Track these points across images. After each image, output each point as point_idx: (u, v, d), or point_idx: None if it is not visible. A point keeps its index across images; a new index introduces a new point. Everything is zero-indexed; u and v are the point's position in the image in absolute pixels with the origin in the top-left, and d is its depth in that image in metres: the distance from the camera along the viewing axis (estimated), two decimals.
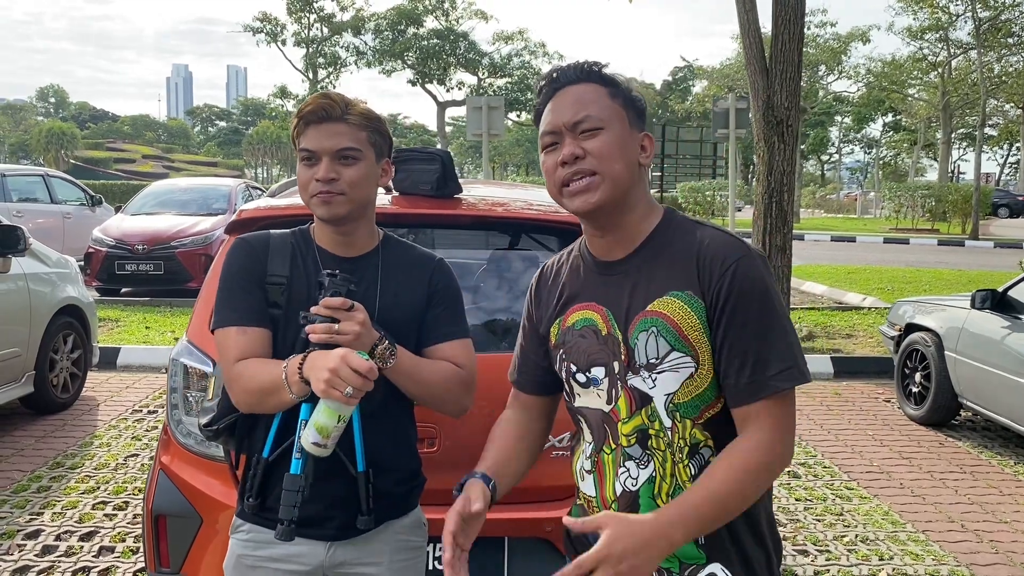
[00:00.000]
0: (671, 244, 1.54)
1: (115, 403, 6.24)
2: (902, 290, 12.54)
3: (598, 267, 1.60)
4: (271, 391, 1.69)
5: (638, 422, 1.52)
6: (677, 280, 1.49)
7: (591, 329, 1.57)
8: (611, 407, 1.55)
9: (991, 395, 5.46)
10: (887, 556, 3.97)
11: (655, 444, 1.51)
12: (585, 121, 1.50)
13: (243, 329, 1.78)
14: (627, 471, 1.53)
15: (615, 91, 1.54)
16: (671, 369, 1.48)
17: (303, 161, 1.80)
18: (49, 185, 13.30)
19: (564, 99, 1.53)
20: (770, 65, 8.03)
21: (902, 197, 30.12)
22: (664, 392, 1.49)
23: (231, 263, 1.85)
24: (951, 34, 33.08)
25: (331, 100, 1.79)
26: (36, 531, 4.01)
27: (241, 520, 1.89)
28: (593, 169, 1.49)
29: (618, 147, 1.50)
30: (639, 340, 1.50)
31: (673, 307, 1.48)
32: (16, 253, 5.46)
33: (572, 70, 1.56)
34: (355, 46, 41.56)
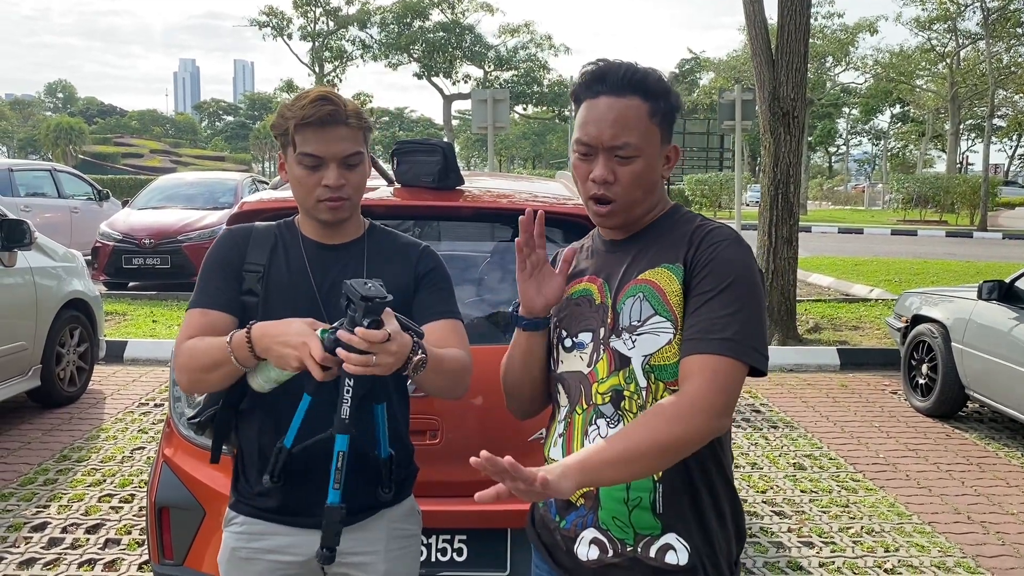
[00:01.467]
0: (673, 229, 1.62)
1: (122, 396, 6.27)
2: (909, 282, 12.49)
3: (605, 245, 1.69)
4: (217, 366, 1.69)
5: (614, 382, 1.56)
6: (669, 255, 1.57)
7: (586, 298, 1.64)
8: (590, 369, 1.60)
9: (998, 386, 5.44)
10: (893, 547, 3.96)
11: (627, 406, 1.55)
12: (624, 148, 1.54)
13: (205, 311, 1.80)
14: (597, 429, 1.57)
15: (655, 107, 1.56)
16: (651, 332, 1.54)
17: (305, 166, 1.76)
18: (56, 180, 13.34)
19: (606, 113, 1.55)
20: (776, 56, 8.01)
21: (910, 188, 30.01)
22: (642, 353, 1.54)
23: (212, 252, 1.89)
24: (959, 24, 32.90)
25: (335, 104, 1.75)
26: (42, 523, 4.03)
27: (235, 512, 1.89)
28: (617, 197, 1.57)
29: (646, 175, 1.57)
30: (625, 305, 1.57)
31: (661, 276, 1.56)
32: (22, 247, 5.48)
33: (619, 77, 1.55)
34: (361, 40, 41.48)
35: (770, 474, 4.88)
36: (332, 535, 1.65)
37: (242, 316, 1.81)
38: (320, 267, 1.84)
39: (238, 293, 1.83)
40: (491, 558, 2.61)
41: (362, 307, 1.53)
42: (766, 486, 4.69)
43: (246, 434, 1.87)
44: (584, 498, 1.57)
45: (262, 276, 1.83)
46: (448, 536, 2.62)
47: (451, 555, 2.61)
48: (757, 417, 6.02)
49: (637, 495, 1.53)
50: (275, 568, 1.83)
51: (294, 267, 1.84)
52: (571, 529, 1.60)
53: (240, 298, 1.82)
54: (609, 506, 1.54)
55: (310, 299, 1.81)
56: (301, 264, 1.84)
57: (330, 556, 1.66)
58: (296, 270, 1.84)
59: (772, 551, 3.89)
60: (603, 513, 1.55)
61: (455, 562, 2.61)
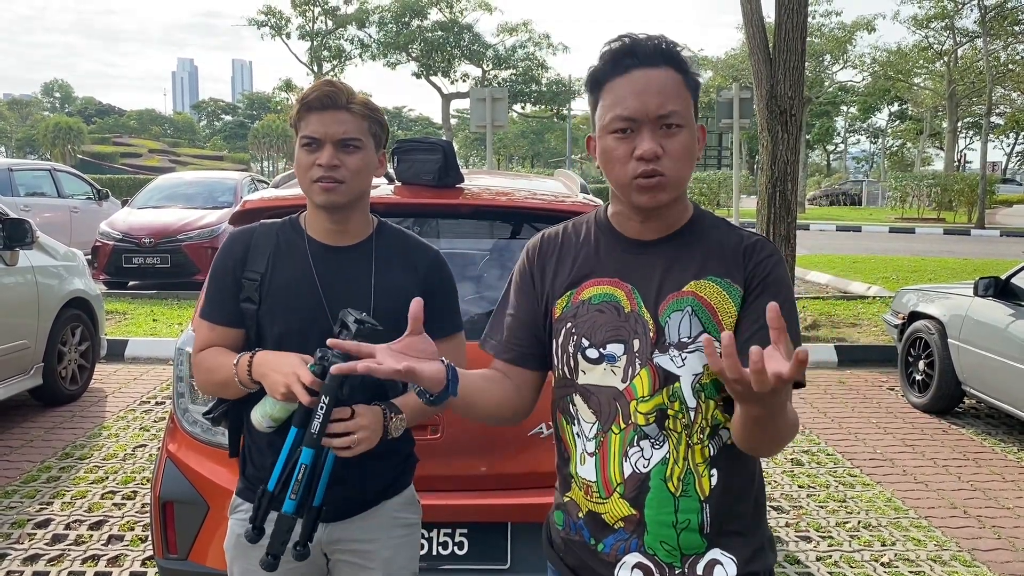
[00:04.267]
0: (708, 235, 1.54)
1: (123, 394, 6.29)
2: (907, 279, 12.52)
3: (627, 245, 1.56)
4: (224, 383, 1.81)
5: (658, 401, 1.48)
6: (716, 267, 1.50)
7: (611, 305, 1.52)
8: (626, 385, 1.49)
9: (994, 382, 5.47)
10: (890, 542, 4.00)
11: (672, 425, 1.48)
12: (672, 116, 1.44)
13: (212, 326, 1.89)
14: (640, 451, 1.49)
15: (688, 80, 1.48)
16: (701, 350, 1.46)
17: (304, 147, 1.80)
18: (56, 179, 13.35)
19: (646, 83, 1.44)
20: (773, 55, 8.03)
21: (908, 186, 30.03)
22: (692, 372, 1.47)
23: (216, 259, 1.93)
24: (957, 22, 32.92)
25: (335, 88, 1.81)
26: (46, 520, 4.06)
27: (240, 500, 1.93)
28: (665, 171, 1.44)
29: (691, 149, 1.47)
30: (671, 319, 1.48)
31: (710, 290, 1.48)
32: (24, 246, 5.51)
33: (652, 49, 1.46)
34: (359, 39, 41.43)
35: (768, 469, 4.91)
36: (279, 544, 1.67)
37: (244, 323, 1.87)
38: (326, 271, 1.85)
39: (238, 303, 1.87)
40: (492, 552, 2.64)
41: (353, 331, 1.64)
42: (764, 481, 4.71)
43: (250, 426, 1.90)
44: (624, 522, 1.51)
45: (259, 284, 1.85)
46: (449, 530, 2.65)
47: (452, 549, 2.64)
48: None
49: (686, 517, 1.49)
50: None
51: (297, 271, 1.85)
52: (611, 553, 1.53)
53: (241, 306, 1.86)
54: (656, 531, 1.49)
55: (315, 304, 1.81)
56: (306, 268, 1.85)
57: (274, 564, 1.67)
58: (300, 274, 1.85)
59: None
60: (649, 538, 1.50)
61: (456, 556, 2.64)
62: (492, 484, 2.67)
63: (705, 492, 1.49)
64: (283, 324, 1.82)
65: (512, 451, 2.64)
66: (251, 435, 1.92)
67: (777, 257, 1.52)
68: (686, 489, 1.49)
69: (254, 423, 1.78)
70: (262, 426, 1.77)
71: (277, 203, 2.80)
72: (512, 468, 2.65)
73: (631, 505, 1.49)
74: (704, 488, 1.49)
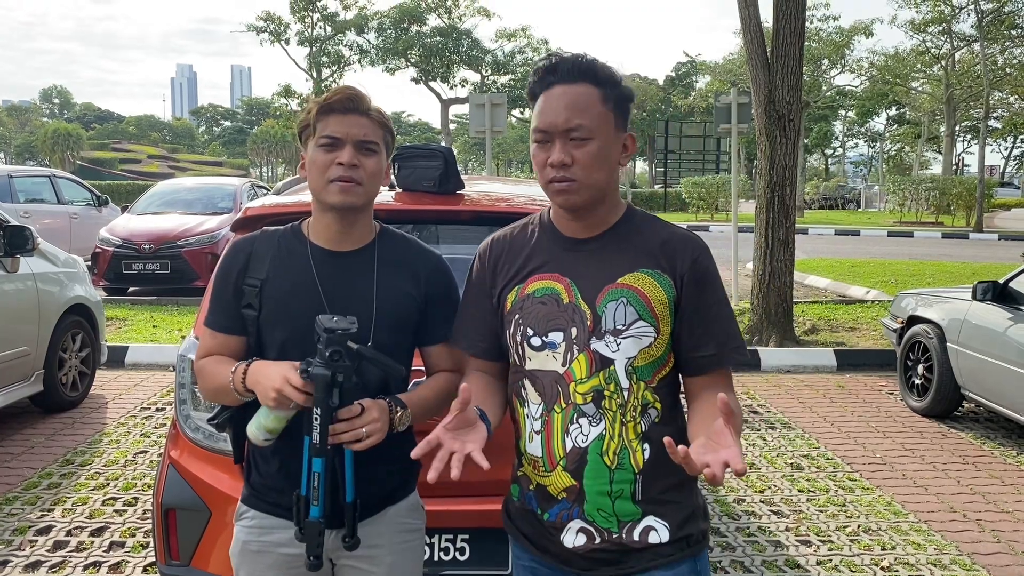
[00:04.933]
0: (639, 231, 1.71)
1: (124, 401, 6.30)
2: (906, 283, 12.54)
3: (565, 243, 1.73)
4: (223, 391, 1.83)
5: (595, 383, 1.64)
6: (646, 260, 1.67)
7: (552, 297, 1.69)
8: (565, 369, 1.66)
9: (993, 386, 5.49)
10: (889, 546, 4.01)
11: (608, 404, 1.64)
12: (577, 130, 1.61)
13: (215, 334, 1.91)
14: (579, 427, 1.65)
15: (607, 93, 1.63)
16: (634, 336, 1.64)
17: (323, 147, 1.80)
18: (55, 186, 13.36)
19: (559, 99, 1.62)
20: (771, 60, 8.06)
21: (906, 190, 30.07)
22: (625, 356, 1.64)
23: (218, 267, 1.95)
24: (954, 27, 33.00)
25: (359, 93, 1.84)
26: (47, 527, 4.07)
27: (246, 507, 1.94)
28: (576, 177, 1.62)
29: (602, 157, 1.63)
30: (607, 308, 1.64)
31: (643, 281, 1.65)
32: (25, 253, 5.52)
33: (570, 66, 1.63)
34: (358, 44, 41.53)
35: (768, 474, 4.92)
36: (315, 546, 1.75)
37: (246, 330, 1.89)
38: (328, 276, 1.86)
39: (239, 310, 1.88)
40: (493, 557, 2.64)
41: (324, 338, 1.66)
42: (764, 486, 4.73)
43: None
44: (567, 492, 1.68)
45: (260, 290, 1.85)
46: (451, 535, 2.65)
47: (453, 554, 2.65)
48: (755, 418, 6.06)
49: (619, 487, 1.66)
50: (284, 561, 1.87)
51: (299, 276, 1.85)
52: (555, 521, 1.71)
53: (242, 312, 1.87)
54: (593, 500, 1.66)
55: (316, 308, 1.80)
56: (307, 274, 1.85)
57: (318, 563, 1.76)
58: (301, 280, 1.85)
59: (770, 550, 3.93)
60: (588, 506, 1.66)
61: (457, 561, 2.64)
62: (493, 489, 2.67)
63: (639, 465, 1.66)
64: (284, 330, 1.83)
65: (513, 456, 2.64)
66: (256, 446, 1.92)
67: (705, 251, 1.70)
68: (621, 462, 1.65)
69: (251, 438, 1.79)
70: (258, 439, 1.78)
71: (279, 210, 2.81)
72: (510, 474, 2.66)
73: (572, 476, 1.66)
74: (638, 461, 1.66)
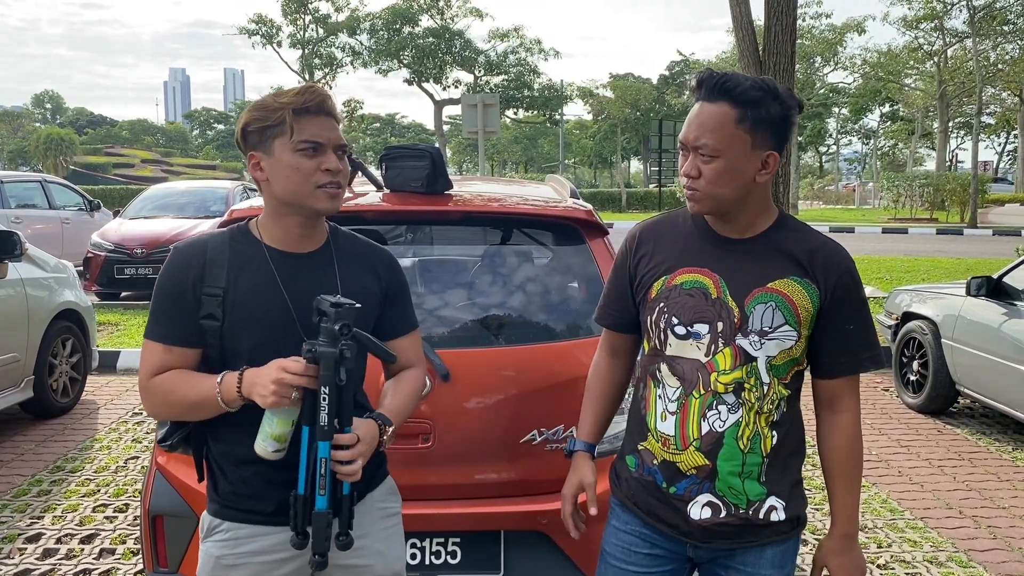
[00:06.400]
0: (789, 239, 1.81)
1: (115, 406, 6.26)
2: (900, 279, 12.54)
3: (717, 241, 1.83)
4: (197, 407, 1.75)
5: (737, 375, 1.77)
6: (795, 268, 1.77)
7: (700, 291, 1.80)
8: (708, 359, 1.78)
9: (988, 382, 5.47)
10: (886, 543, 3.99)
11: (747, 396, 1.77)
12: (703, 148, 1.72)
13: (168, 348, 1.79)
14: (717, 414, 1.78)
15: (744, 113, 1.70)
16: (779, 338, 1.76)
17: (304, 152, 1.73)
18: (47, 191, 13.30)
19: (696, 116, 1.73)
20: (763, 57, 8.05)
21: (901, 187, 30.11)
22: (767, 355, 1.77)
23: (163, 275, 1.82)
24: (946, 23, 33.06)
25: (328, 94, 1.79)
26: (37, 535, 4.03)
27: (219, 520, 1.86)
28: (700, 189, 1.74)
29: (728, 174, 1.72)
30: (755, 310, 1.76)
31: (793, 289, 1.76)
32: (13, 258, 5.47)
33: (711, 85, 1.72)
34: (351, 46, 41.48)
35: None
36: (323, 540, 1.68)
37: (204, 342, 1.80)
38: (290, 278, 1.81)
39: (198, 321, 1.78)
40: (485, 560, 2.62)
41: (333, 314, 1.64)
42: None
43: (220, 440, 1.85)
44: (697, 470, 1.80)
45: (222, 299, 1.77)
46: (442, 539, 2.63)
47: (445, 558, 2.62)
48: None
49: (750, 469, 1.80)
50: (263, 570, 1.84)
51: (260, 282, 1.79)
52: (684, 495, 1.83)
53: (200, 323, 1.78)
54: (725, 478, 1.80)
55: (282, 312, 1.77)
56: (269, 278, 1.80)
57: (323, 563, 1.69)
58: (263, 285, 1.79)
59: None
60: (719, 483, 1.80)
61: (449, 565, 2.62)
62: (485, 492, 2.65)
63: (767, 450, 1.80)
64: (253, 337, 1.76)
65: (504, 459, 2.62)
66: (220, 454, 1.86)
67: (852, 265, 1.81)
68: (753, 447, 1.79)
69: (260, 454, 1.71)
70: (268, 452, 1.71)
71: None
72: (505, 476, 2.63)
73: (705, 457, 1.79)
74: (767, 447, 1.80)
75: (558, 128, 50.15)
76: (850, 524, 1.84)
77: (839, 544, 1.83)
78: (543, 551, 2.59)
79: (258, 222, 1.86)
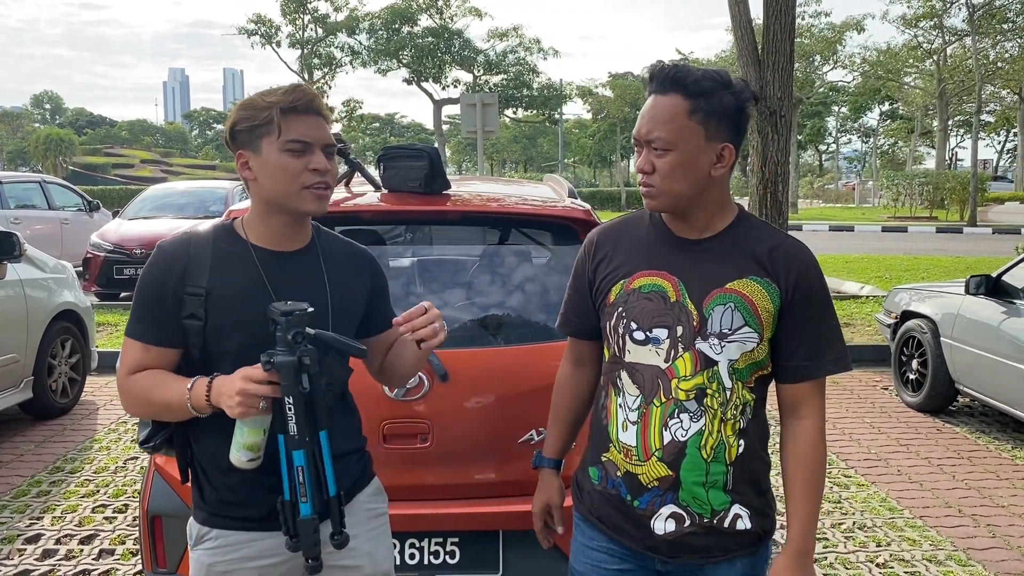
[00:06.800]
0: (749, 237, 1.75)
1: (114, 407, 6.26)
2: (900, 278, 12.54)
3: (675, 242, 1.77)
4: (170, 409, 1.73)
5: (699, 381, 1.71)
6: (755, 267, 1.71)
7: (659, 294, 1.74)
8: (668, 365, 1.72)
9: (987, 380, 5.47)
10: (885, 542, 3.99)
11: (709, 402, 1.71)
12: (656, 141, 1.66)
13: (147, 347, 1.78)
14: (679, 422, 1.72)
15: (696, 104, 1.65)
16: (740, 340, 1.70)
17: (292, 152, 1.71)
18: (46, 191, 13.30)
19: (649, 109, 1.68)
20: (762, 56, 8.05)
21: (900, 185, 30.11)
22: (729, 358, 1.70)
23: (146, 273, 1.79)
24: (945, 21, 33.06)
25: (315, 92, 1.77)
26: (36, 535, 4.03)
27: (207, 528, 1.84)
28: (655, 184, 1.69)
29: (682, 168, 1.66)
30: (714, 312, 1.69)
31: (752, 288, 1.70)
32: (11, 259, 5.47)
33: (662, 77, 1.67)
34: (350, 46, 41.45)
35: None
36: (312, 546, 1.69)
37: (185, 342, 1.78)
38: (277, 277, 1.79)
39: (179, 321, 1.75)
40: (484, 560, 2.62)
41: (284, 322, 1.62)
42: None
43: (204, 445, 1.83)
44: (659, 482, 1.74)
45: (205, 299, 1.74)
46: (440, 539, 2.63)
47: (443, 558, 2.62)
48: None
49: (714, 478, 1.73)
50: (257, 575, 1.83)
51: (246, 282, 1.76)
52: (647, 509, 1.76)
53: (182, 323, 1.75)
54: (688, 488, 1.73)
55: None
56: (256, 278, 1.77)
57: (317, 566, 1.70)
58: (250, 285, 1.76)
59: None
60: (683, 494, 1.73)
61: (447, 565, 2.62)
62: (483, 492, 2.65)
63: (732, 458, 1.73)
64: (240, 337, 1.73)
65: (503, 459, 2.62)
66: (205, 459, 1.84)
67: (814, 263, 1.75)
68: (717, 456, 1.72)
69: (235, 464, 1.69)
70: (242, 462, 1.68)
71: None
72: (503, 476, 2.63)
73: (668, 468, 1.72)
74: (732, 455, 1.73)
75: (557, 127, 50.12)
76: (806, 540, 1.72)
77: (793, 562, 1.71)
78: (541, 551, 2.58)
79: (244, 221, 1.84)
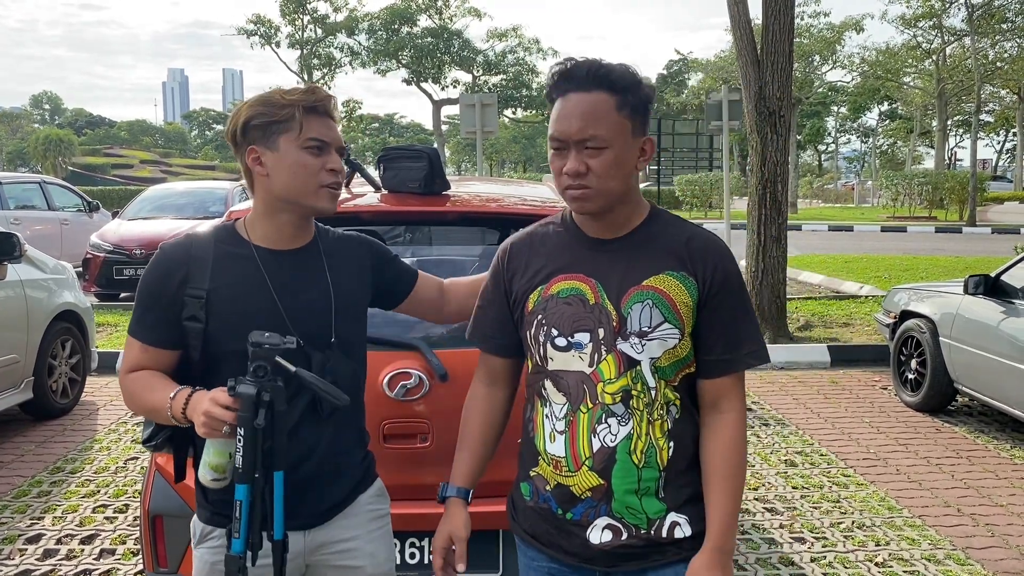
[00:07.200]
0: (663, 233, 1.71)
1: (115, 407, 6.26)
2: (899, 278, 12.54)
3: (589, 243, 1.72)
4: (155, 413, 1.76)
5: (623, 383, 1.65)
6: (670, 262, 1.67)
7: (578, 298, 1.68)
8: (592, 369, 1.67)
9: (986, 380, 5.48)
10: (884, 541, 4.00)
11: (635, 404, 1.66)
12: (591, 140, 1.60)
13: (145, 348, 1.80)
14: (607, 428, 1.66)
15: (623, 100, 1.61)
16: (660, 338, 1.65)
17: (310, 149, 1.74)
18: (46, 192, 13.31)
19: (574, 108, 1.61)
20: (761, 56, 8.05)
21: (899, 185, 30.11)
22: (651, 357, 1.65)
23: (147, 275, 1.80)
24: (945, 21, 33.06)
25: (331, 96, 1.81)
26: (37, 535, 4.04)
27: (210, 527, 1.85)
28: (591, 185, 1.61)
29: (617, 165, 1.62)
30: (632, 310, 1.64)
31: (669, 284, 1.65)
32: (11, 260, 5.48)
33: (584, 73, 1.61)
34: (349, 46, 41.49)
35: (762, 471, 4.91)
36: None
37: (185, 343, 1.78)
38: (279, 276, 1.79)
39: (179, 323, 1.76)
40: (483, 559, 2.62)
41: (251, 352, 1.61)
42: (758, 483, 4.72)
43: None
44: (592, 492, 1.68)
45: (206, 301, 1.74)
46: None
47: None
48: (748, 415, 6.05)
49: (646, 484, 1.67)
50: (259, 574, 1.82)
51: (247, 282, 1.77)
52: (581, 519, 1.71)
53: (182, 325, 1.76)
54: (621, 497, 1.67)
55: (270, 311, 1.75)
56: (257, 277, 1.77)
57: None
58: (250, 284, 1.76)
59: (764, 547, 3.92)
60: (616, 504, 1.67)
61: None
62: (482, 492, 2.65)
63: (664, 462, 1.68)
64: (240, 339, 1.68)
65: (501, 458, 2.62)
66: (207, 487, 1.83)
67: (729, 255, 1.71)
68: (648, 460, 1.67)
69: (201, 481, 1.69)
70: (207, 480, 1.67)
71: None
72: (502, 475, 2.63)
73: (599, 476, 1.67)
74: (663, 459, 1.68)
75: None
76: (724, 538, 1.64)
77: (710, 559, 1.63)
78: None
79: (246, 221, 1.84)
